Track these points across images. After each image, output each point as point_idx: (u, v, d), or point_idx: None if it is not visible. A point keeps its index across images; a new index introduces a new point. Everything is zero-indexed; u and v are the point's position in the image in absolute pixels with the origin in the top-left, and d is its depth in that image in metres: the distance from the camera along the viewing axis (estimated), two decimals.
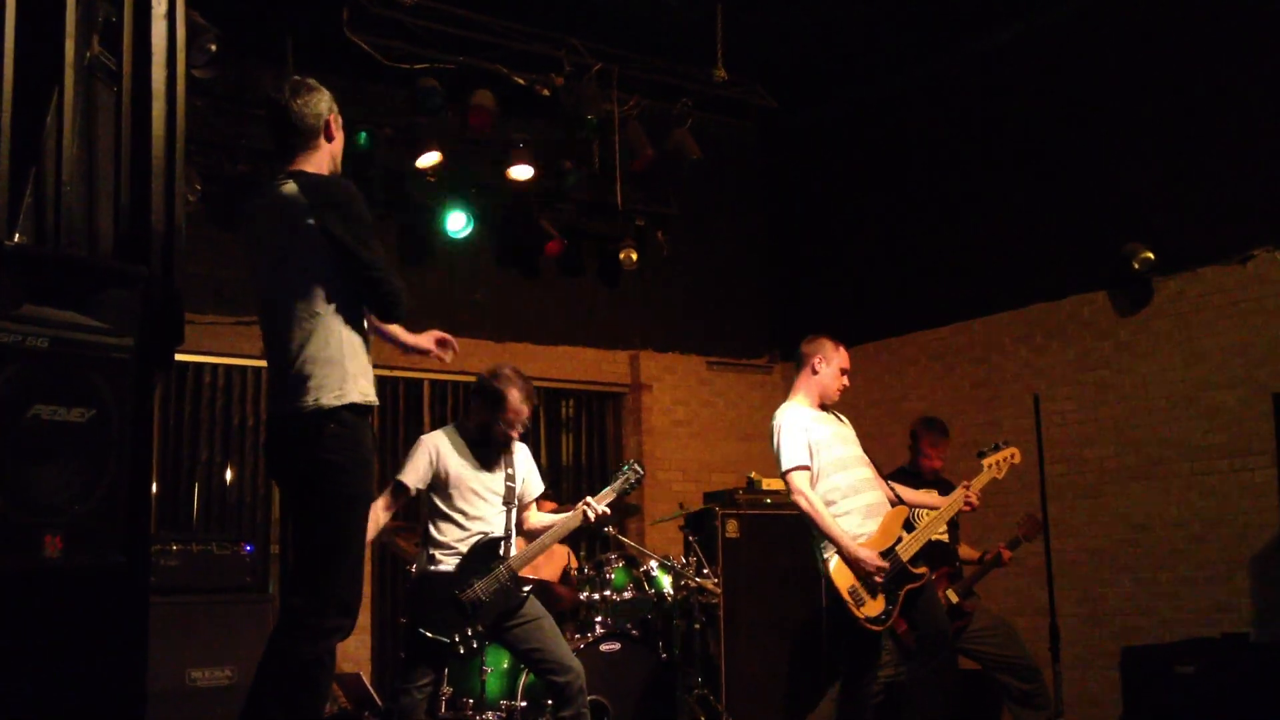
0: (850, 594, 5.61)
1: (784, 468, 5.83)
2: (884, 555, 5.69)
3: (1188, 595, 7.62)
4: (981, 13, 8.76)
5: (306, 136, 4.13)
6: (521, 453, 5.82)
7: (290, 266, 4.02)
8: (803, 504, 5.73)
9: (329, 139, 4.17)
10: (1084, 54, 8.57)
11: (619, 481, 5.93)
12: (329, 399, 3.90)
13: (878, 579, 5.60)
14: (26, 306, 2.96)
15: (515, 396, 5.61)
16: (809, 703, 7.13)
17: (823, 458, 5.81)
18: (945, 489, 6.72)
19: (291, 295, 4.00)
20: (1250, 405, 7.38)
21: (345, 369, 3.95)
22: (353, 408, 3.94)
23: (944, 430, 7.40)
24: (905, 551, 5.76)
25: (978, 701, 7.57)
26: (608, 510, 5.77)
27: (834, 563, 5.66)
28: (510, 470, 5.67)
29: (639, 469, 6.00)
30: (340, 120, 4.25)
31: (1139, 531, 7.90)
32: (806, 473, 5.77)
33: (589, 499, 5.76)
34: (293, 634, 3.86)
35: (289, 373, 3.95)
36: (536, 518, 5.84)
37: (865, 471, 5.91)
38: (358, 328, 4.04)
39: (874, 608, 5.64)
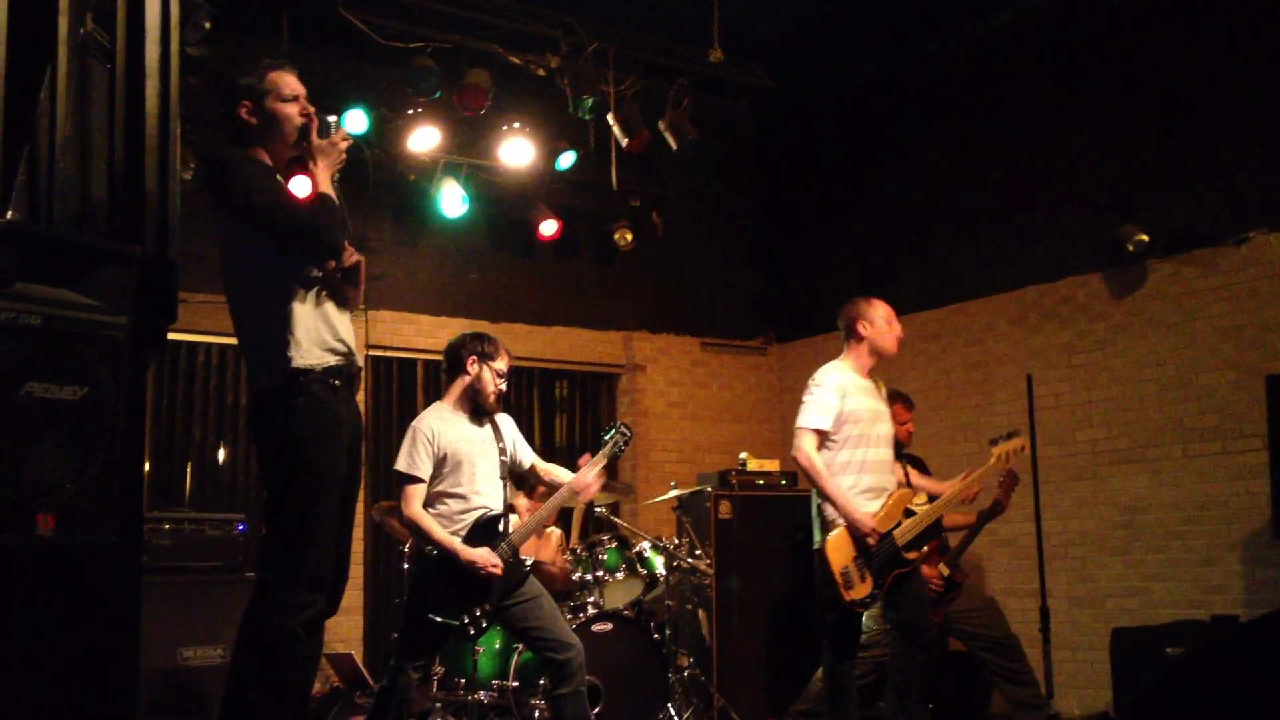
0: (841, 574, 5.63)
1: (799, 423, 5.80)
2: (881, 538, 5.70)
3: (1178, 577, 7.65)
4: None
5: (229, 125, 4.13)
6: (506, 422, 5.80)
7: (226, 251, 4.10)
8: (802, 460, 5.72)
9: (249, 130, 4.10)
10: (1079, 35, 8.56)
11: (608, 446, 5.79)
12: (291, 371, 3.91)
13: (870, 541, 5.61)
14: (19, 284, 2.95)
15: (502, 354, 5.62)
16: (800, 683, 7.16)
17: (850, 430, 5.78)
18: (916, 464, 6.85)
19: (231, 278, 4.08)
20: (1243, 388, 7.40)
21: (303, 338, 3.95)
22: (322, 382, 3.95)
23: (910, 399, 7.40)
24: (902, 537, 5.78)
25: (968, 682, 7.60)
26: (590, 481, 5.68)
27: (831, 540, 5.67)
28: (501, 444, 5.67)
29: (626, 430, 5.88)
30: (264, 100, 4.09)
31: (1130, 514, 7.93)
32: (817, 437, 5.75)
33: (580, 475, 5.68)
34: (263, 609, 3.89)
35: (248, 353, 3.98)
36: (548, 468, 5.76)
37: (884, 453, 5.88)
38: (305, 297, 4.02)
39: (862, 590, 5.66)
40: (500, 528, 5.50)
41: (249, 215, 3.92)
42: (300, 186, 4.13)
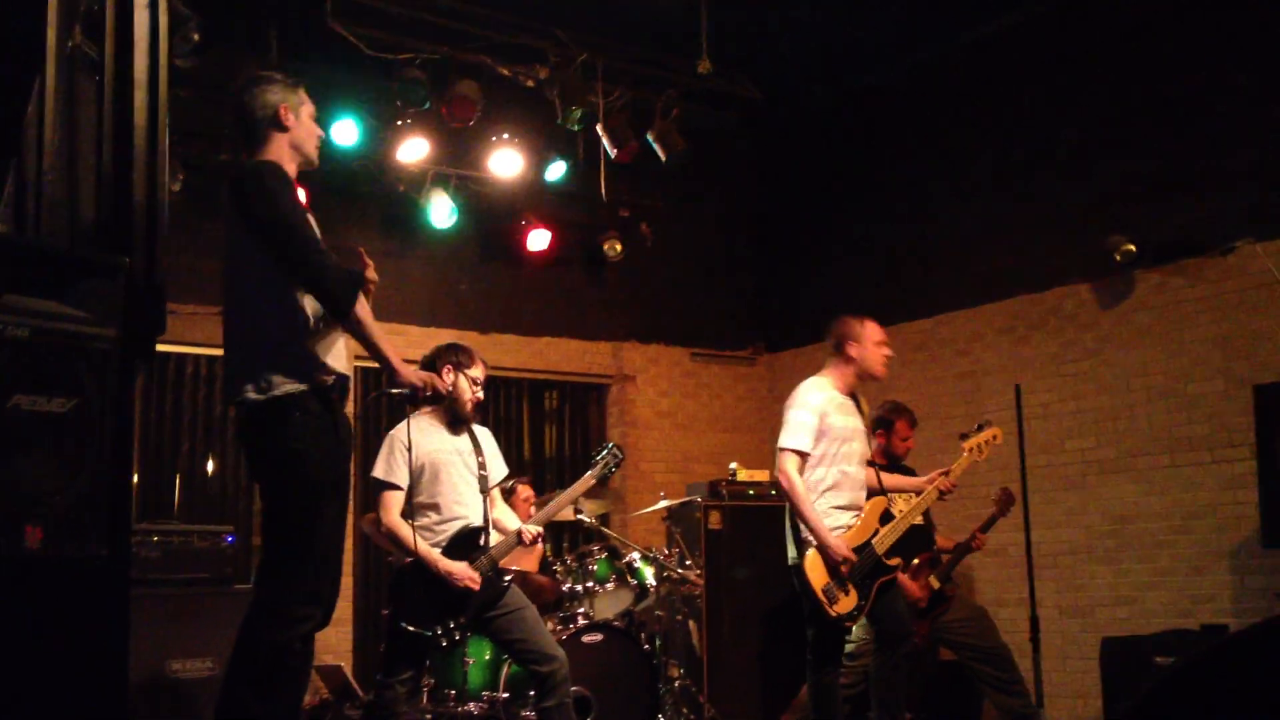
0: (824, 592, 5.62)
1: (781, 444, 5.79)
2: (860, 549, 5.71)
3: (1168, 586, 7.66)
4: (965, 5, 8.77)
5: (257, 127, 4.16)
6: (485, 436, 5.81)
7: (236, 257, 4.08)
8: (784, 482, 5.72)
9: (282, 129, 4.16)
10: (1067, 46, 8.59)
11: (599, 466, 5.90)
12: (285, 386, 3.90)
13: (843, 569, 5.61)
14: (7, 296, 2.94)
15: (478, 363, 5.64)
16: (790, 693, 7.15)
17: (826, 448, 5.79)
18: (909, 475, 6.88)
19: (241, 285, 4.06)
20: (1231, 398, 7.42)
21: (301, 353, 3.94)
22: (317, 394, 3.93)
23: (914, 415, 7.38)
24: (881, 545, 5.78)
25: (959, 692, 7.60)
26: (540, 532, 5.71)
27: (809, 558, 5.66)
28: (481, 459, 5.67)
29: (618, 452, 5.96)
30: (303, 109, 4.24)
31: (1119, 523, 7.94)
32: (798, 459, 5.74)
33: (524, 526, 5.68)
34: (260, 621, 3.88)
35: (247, 362, 3.96)
36: (497, 516, 5.77)
37: (858, 470, 5.89)
38: (309, 316, 4.02)
39: (847, 604, 5.65)
40: (481, 541, 5.50)
41: (284, 260, 3.94)
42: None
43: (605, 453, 5.95)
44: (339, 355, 4.09)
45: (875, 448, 7.10)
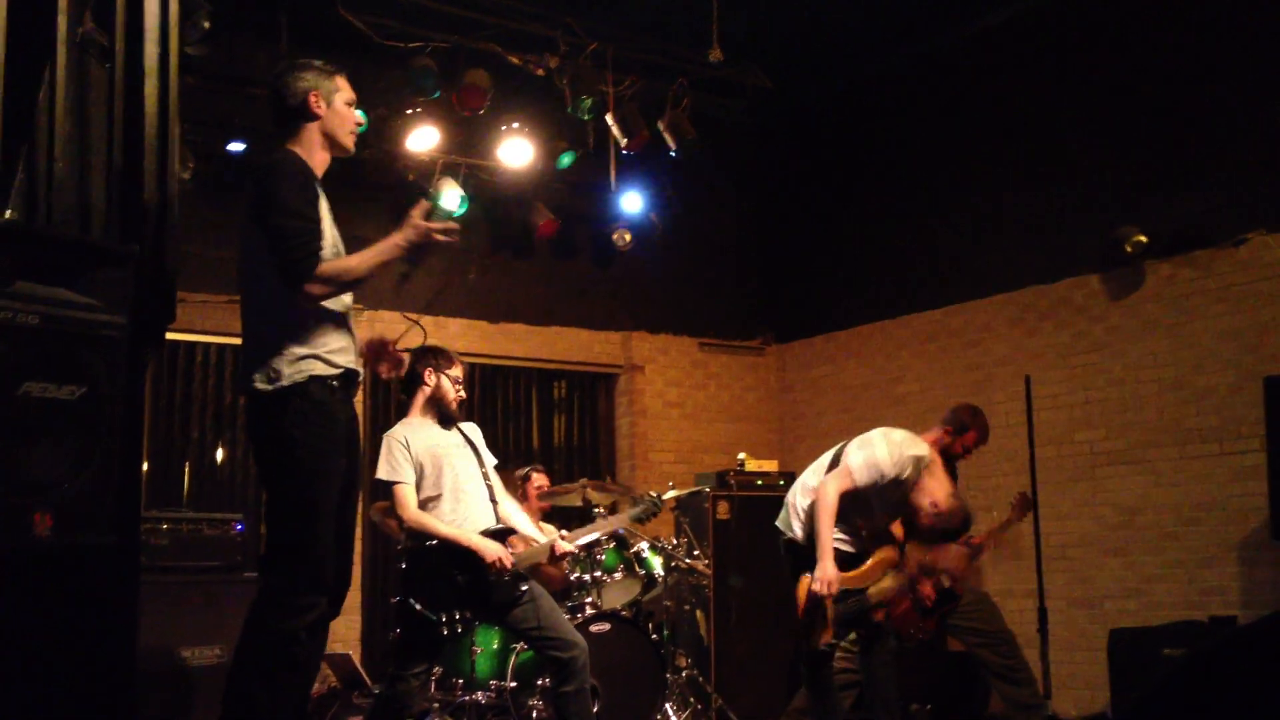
0: (807, 612, 5.68)
1: (852, 462, 5.73)
2: (854, 593, 5.72)
3: (1176, 578, 7.65)
4: None
5: (287, 116, 4.17)
6: (473, 430, 5.83)
7: (249, 247, 4.08)
8: (825, 499, 5.66)
9: (312, 117, 4.16)
10: (1077, 35, 8.56)
11: (639, 510, 6.09)
12: (290, 376, 3.90)
13: (825, 595, 5.59)
14: (18, 283, 2.95)
15: (456, 363, 5.68)
16: (797, 682, 7.15)
17: (870, 496, 5.75)
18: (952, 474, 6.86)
19: (252, 274, 4.06)
20: (1241, 389, 7.40)
21: (307, 345, 3.95)
22: (320, 383, 3.94)
23: (987, 434, 6.90)
24: (875, 596, 5.78)
25: (967, 683, 7.60)
26: (576, 550, 5.78)
27: (806, 578, 5.71)
28: (478, 453, 5.70)
29: (659, 504, 6.14)
30: (337, 96, 4.24)
31: (1128, 515, 7.93)
32: (851, 488, 5.69)
33: (562, 537, 5.73)
34: (266, 610, 3.90)
35: (257, 352, 3.97)
36: (505, 513, 5.78)
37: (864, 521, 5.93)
38: (321, 306, 4.03)
39: (824, 636, 5.72)
40: (507, 543, 5.51)
41: (269, 231, 3.93)
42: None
43: (648, 500, 6.18)
44: (348, 349, 4.10)
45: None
